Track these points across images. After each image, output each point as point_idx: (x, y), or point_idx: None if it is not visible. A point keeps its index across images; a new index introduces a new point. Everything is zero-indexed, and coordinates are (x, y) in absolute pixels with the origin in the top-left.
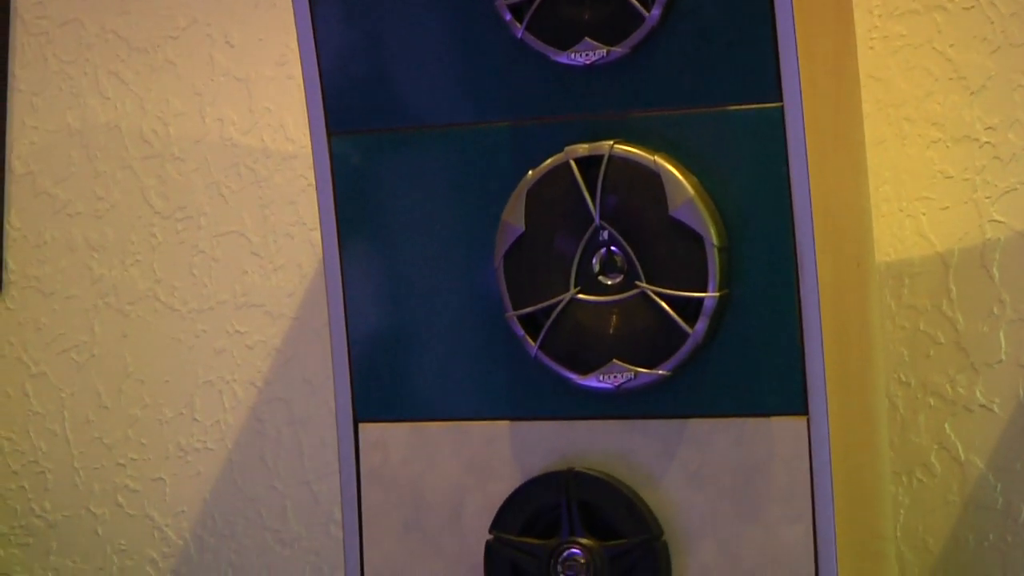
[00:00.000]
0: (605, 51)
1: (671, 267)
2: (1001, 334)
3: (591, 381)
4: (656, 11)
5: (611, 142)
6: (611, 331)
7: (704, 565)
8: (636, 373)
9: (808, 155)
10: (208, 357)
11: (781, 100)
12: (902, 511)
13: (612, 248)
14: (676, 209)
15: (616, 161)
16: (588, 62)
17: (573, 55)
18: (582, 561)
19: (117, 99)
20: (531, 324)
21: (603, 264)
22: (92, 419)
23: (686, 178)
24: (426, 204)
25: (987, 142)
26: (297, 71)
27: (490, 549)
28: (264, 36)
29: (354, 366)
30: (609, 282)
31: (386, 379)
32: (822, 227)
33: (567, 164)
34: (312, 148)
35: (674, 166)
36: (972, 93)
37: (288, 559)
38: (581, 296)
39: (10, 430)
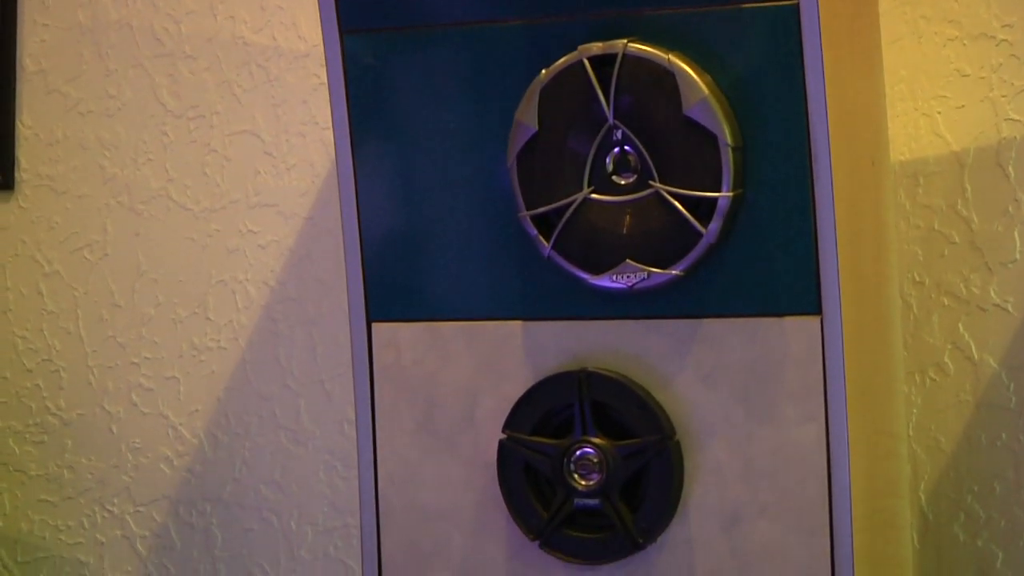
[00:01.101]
0: None
1: (685, 167)
2: (1016, 233)
3: (604, 281)
4: None
5: (625, 40)
6: (624, 231)
7: (717, 464)
8: (649, 273)
9: (823, 54)
10: (221, 257)
11: None
12: (915, 411)
13: (626, 148)
14: (690, 108)
15: (630, 60)
16: None
17: None
18: (595, 460)
19: None
20: (544, 224)
21: (616, 164)
22: (106, 318)
23: (700, 77)
24: (439, 103)
25: (1004, 40)
26: None
27: (503, 448)
28: None
29: (367, 266)
30: (622, 182)
31: (399, 279)
32: (837, 126)
33: (580, 63)
34: (324, 47)
35: (688, 65)
36: None
37: (301, 458)
38: (594, 196)
39: (24, 329)
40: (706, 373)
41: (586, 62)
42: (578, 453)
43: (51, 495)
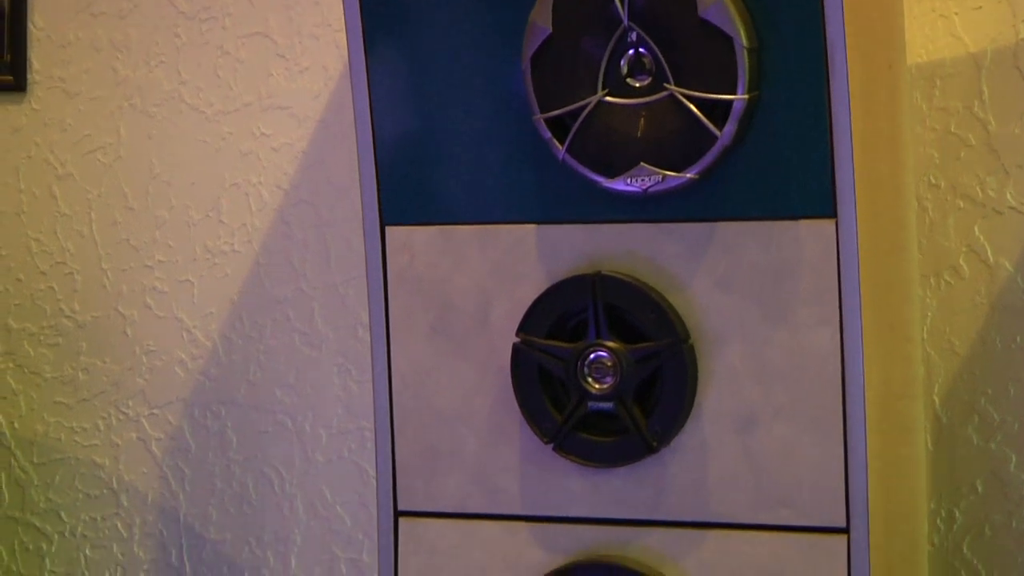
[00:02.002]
0: None
1: (700, 69)
2: None
3: (618, 184)
4: None
5: None
6: (639, 134)
7: (731, 368)
8: (664, 176)
9: None
10: (234, 159)
11: None
12: (929, 314)
13: (640, 50)
14: (706, 10)
15: None
16: None
17: None
18: (609, 364)
19: None
20: (559, 127)
21: (631, 66)
22: (119, 221)
23: None
24: (453, 4)
25: None
26: None
27: (517, 352)
28: None
29: (380, 169)
30: (637, 84)
31: (412, 182)
32: (853, 28)
33: None
34: None
35: None
36: None
37: (315, 361)
38: (609, 99)
39: (38, 231)
40: (720, 276)
41: None
42: (592, 356)
43: (66, 397)
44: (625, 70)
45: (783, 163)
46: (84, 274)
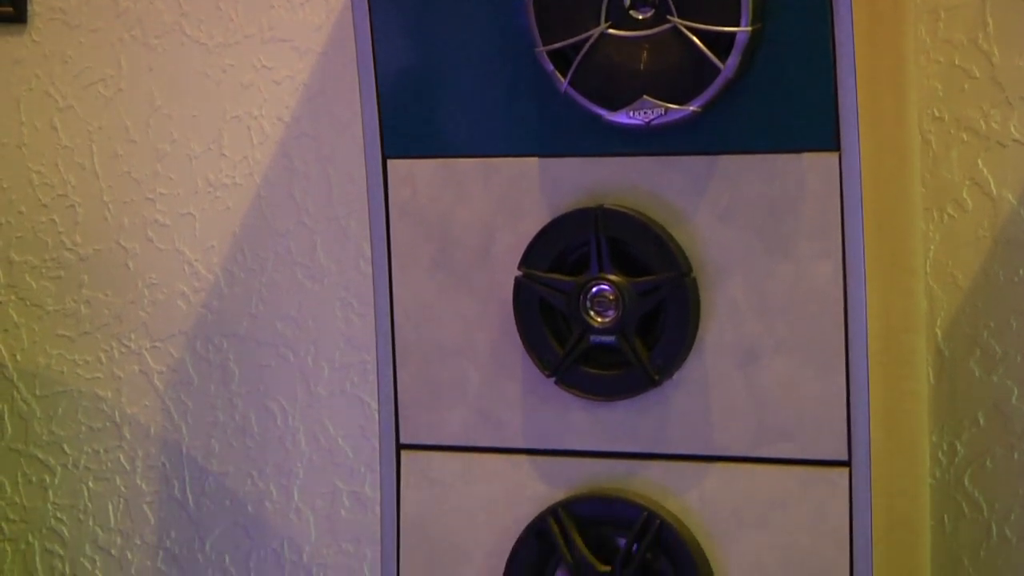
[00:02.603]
0: None
1: (703, 1)
2: None
3: (621, 117)
4: None
5: None
6: (641, 67)
7: (733, 301)
8: (666, 109)
9: None
10: (235, 92)
11: None
12: (932, 247)
13: None
14: None
15: None
16: None
17: None
18: (611, 297)
19: None
20: (561, 59)
21: None
22: (120, 153)
23: None
24: None
25: None
26: None
27: (519, 285)
28: None
29: (382, 101)
30: (640, 17)
31: (415, 115)
32: None
33: None
34: None
35: None
36: None
37: (318, 294)
38: (612, 31)
39: (39, 164)
40: (723, 210)
41: None
42: (594, 290)
43: (68, 330)
44: (628, 3)
45: (786, 96)
46: (85, 207)
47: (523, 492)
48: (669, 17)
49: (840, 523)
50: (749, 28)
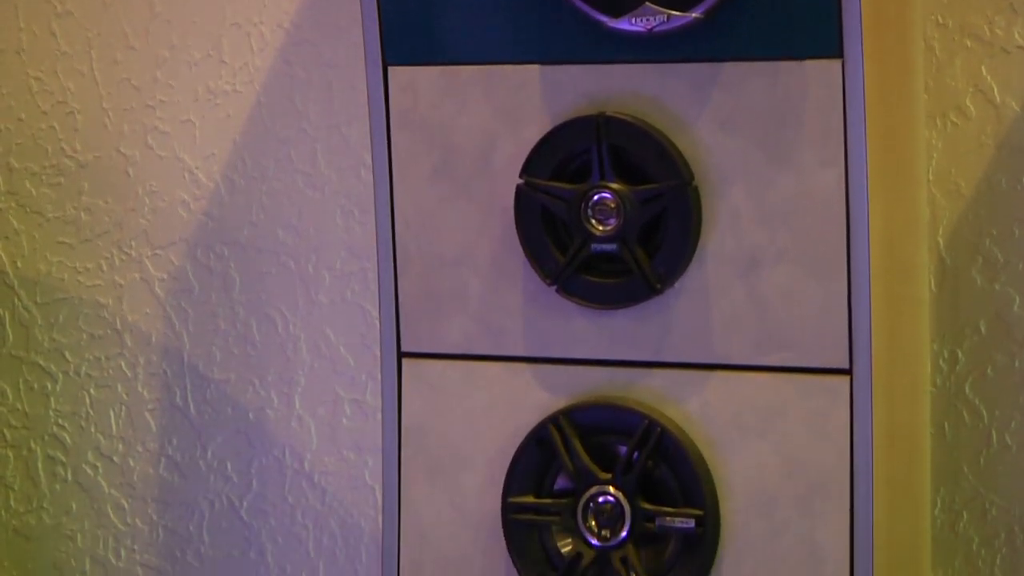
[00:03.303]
0: None
1: None
2: None
3: (623, 24)
4: None
5: None
6: None
7: (735, 209)
8: (668, 16)
9: None
10: None
11: None
12: (935, 155)
13: None
14: None
15: None
16: None
17: None
18: (612, 205)
19: None
20: None
21: None
22: (120, 60)
23: None
24: None
25: None
26: None
27: (520, 193)
28: None
29: (383, 7)
30: None
31: (416, 21)
32: None
33: None
34: None
35: None
36: None
37: (318, 202)
38: None
39: (38, 70)
40: (725, 118)
41: None
42: (595, 198)
43: (69, 237)
44: None
45: (789, 2)
46: (85, 114)
47: (524, 400)
48: None
49: (841, 430)
50: None
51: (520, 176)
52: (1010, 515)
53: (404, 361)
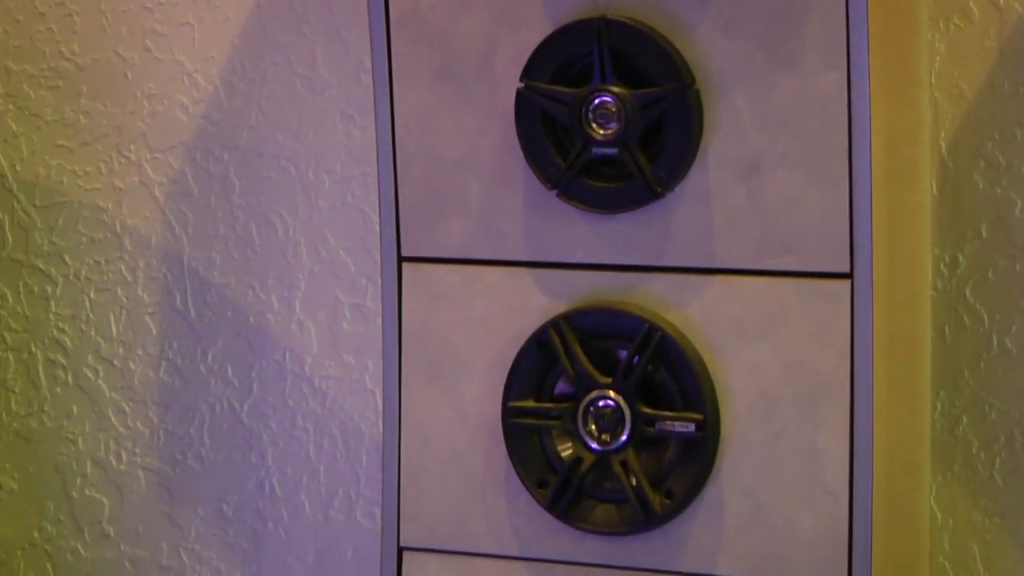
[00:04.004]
0: None
1: None
2: None
3: None
4: None
5: None
6: None
7: (736, 112)
8: None
9: None
10: None
11: None
12: (937, 58)
13: None
14: None
15: None
16: None
17: None
18: (613, 109)
19: None
20: None
21: None
22: None
23: None
24: None
25: None
26: None
27: (521, 97)
28: None
29: None
30: None
31: None
32: None
33: None
34: None
35: None
36: None
37: (318, 106)
38: None
39: None
40: (727, 20)
41: None
42: (596, 101)
43: (68, 140)
44: None
45: None
46: (83, 16)
47: (525, 304)
48: None
49: (841, 335)
50: None
51: (520, 80)
52: (1009, 419)
53: (404, 265)
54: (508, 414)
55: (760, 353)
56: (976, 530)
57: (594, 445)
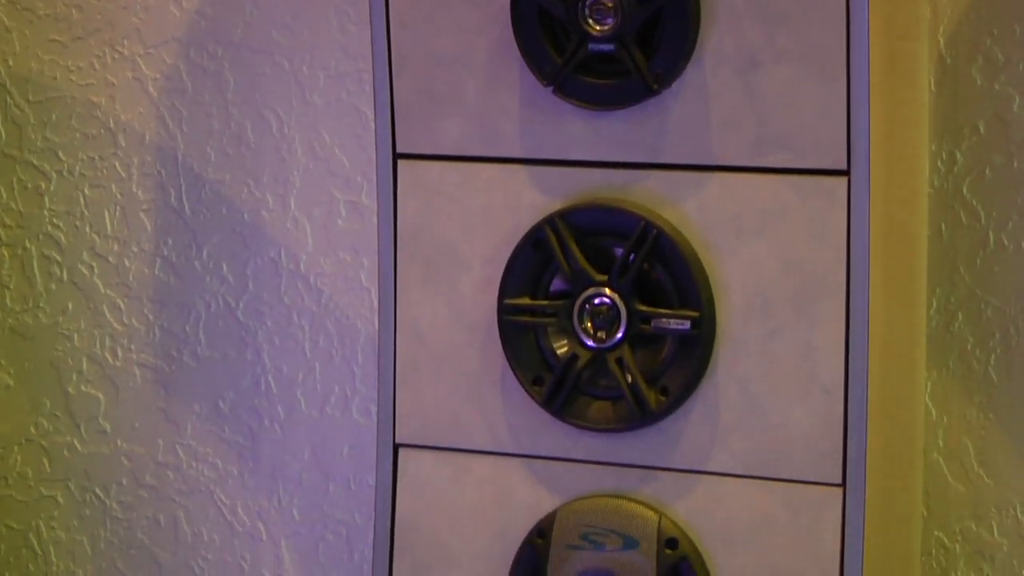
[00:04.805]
0: None
1: None
2: None
3: None
4: None
5: None
6: None
7: (734, 8)
8: None
9: None
10: None
11: None
12: None
13: None
14: None
15: None
16: None
17: None
18: (609, 4)
19: None
20: None
21: None
22: None
23: None
24: None
25: None
26: None
27: None
28: None
29: None
30: None
31: None
32: None
33: None
34: None
35: None
36: None
37: (312, 1)
38: None
39: None
40: None
41: None
42: None
43: (60, 35)
44: None
45: None
46: None
47: (520, 201)
48: None
49: (838, 232)
50: None
51: None
52: (1005, 315)
53: (400, 163)
54: (504, 311)
55: (756, 250)
56: (970, 426)
57: (590, 342)
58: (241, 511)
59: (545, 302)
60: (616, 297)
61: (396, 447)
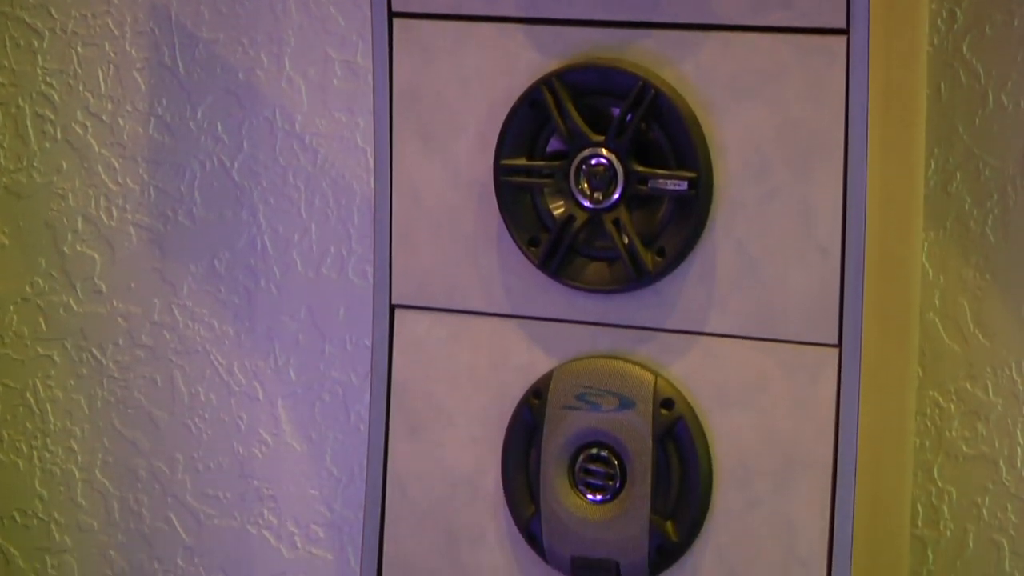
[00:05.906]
0: None
1: None
2: None
3: None
4: None
5: None
6: None
7: None
8: None
9: None
10: None
11: None
12: None
13: None
14: None
15: None
16: None
17: None
18: None
19: None
20: None
21: None
22: None
23: None
24: None
25: None
26: None
27: None
28: None
29: None
30: None
31: None
32: None
33: None
34: None
35: None
36: None
37: None
38: None
39: None
40: None
41: None
42: None
43: None
44: None
45: None
46: None
47: (516, 62)
48: None
49: (837, 91)
50: None
51: None
52: (1003, 175)
53: (395, 21)
54: (500, 172)
55: (755, 111)
56: (967, 286)
57: (586, 203)
58: (238, 371)
59: (542, 162)
60: (613, 157)
61: (392, 308)
